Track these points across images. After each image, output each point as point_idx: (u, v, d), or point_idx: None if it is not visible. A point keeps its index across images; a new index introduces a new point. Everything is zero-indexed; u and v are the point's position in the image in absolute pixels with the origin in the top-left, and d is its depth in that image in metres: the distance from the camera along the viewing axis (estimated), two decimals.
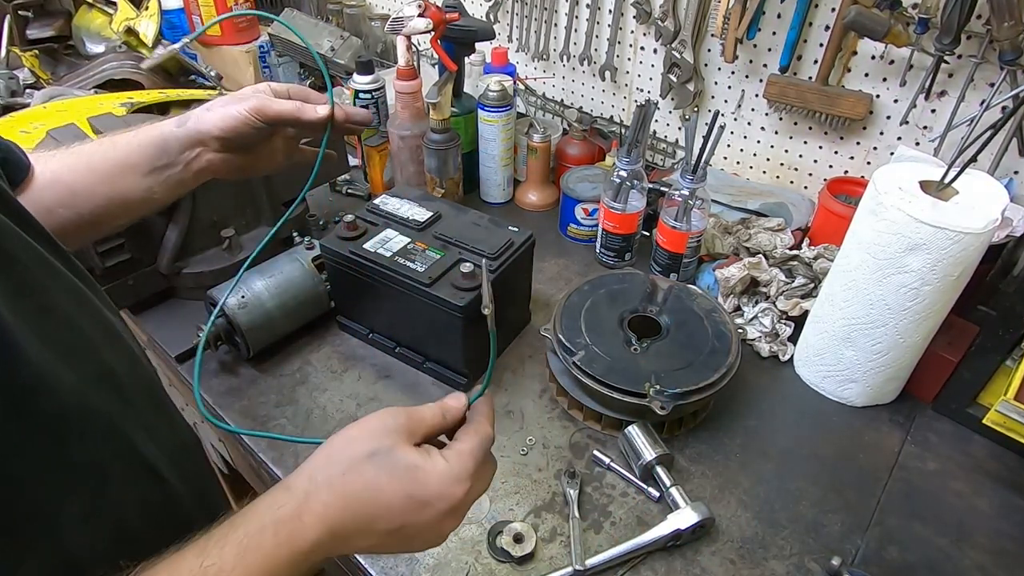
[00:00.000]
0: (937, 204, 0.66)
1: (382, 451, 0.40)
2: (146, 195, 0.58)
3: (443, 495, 0.40)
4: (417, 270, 0.76)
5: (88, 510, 0.37)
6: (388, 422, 0.42)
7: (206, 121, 0.58)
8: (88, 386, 0.38)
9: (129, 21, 1.36)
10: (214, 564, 0.34)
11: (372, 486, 0.39)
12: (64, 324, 0.39)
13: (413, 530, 0.41)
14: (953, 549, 0.65)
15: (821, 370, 0.80)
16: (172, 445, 0.47)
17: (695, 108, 1.12)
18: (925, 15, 0.80)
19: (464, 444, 0.42)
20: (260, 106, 0.58)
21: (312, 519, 0.38)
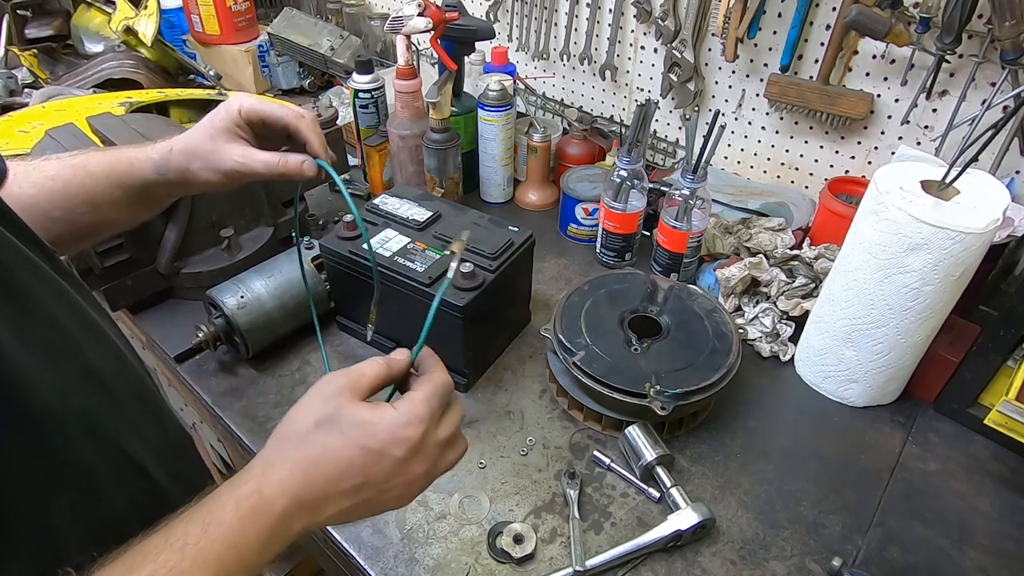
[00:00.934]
0: (938, 204, 0.66)
1: (328, 416, 0.41)
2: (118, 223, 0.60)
3: (396, 439, 0.40)
4: (417, 270, 0.75)
5: (76, 509, 0.37)
6: (327, 389, 0.42)
7: (188, 182, 0.57)
8: (71, 385, 0.38)
9: (128, 20, 1.36)
10: (179, 540, 0.35)
11: (326, 449, 0.40)
12: (46, 323, 0.38)
13: (379, 484, 0.41)
14: (954, 550, 0.65)
15: (822, 370, 0.80)
16: (161, 443, 0.47)
17: (696, 107, 1.12)
18: (926, 14, 0.79)
19: (415, 392, 0.43)
20: (244, 175, 0.56)
21: (273, 491, 0.38)
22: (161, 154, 0.57)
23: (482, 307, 0.74)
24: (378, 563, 0.63)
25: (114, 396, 0.42)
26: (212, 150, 0.56)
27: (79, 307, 0.43)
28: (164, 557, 0.34)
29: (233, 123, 0.57)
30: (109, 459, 0.41)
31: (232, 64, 1.49)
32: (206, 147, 0.56)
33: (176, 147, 0.57)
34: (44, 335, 0.38)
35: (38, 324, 0.37)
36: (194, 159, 0.56)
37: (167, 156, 0.57)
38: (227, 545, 0.36)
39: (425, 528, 0.65)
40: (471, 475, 0.71)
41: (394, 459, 0.41)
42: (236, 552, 0.36)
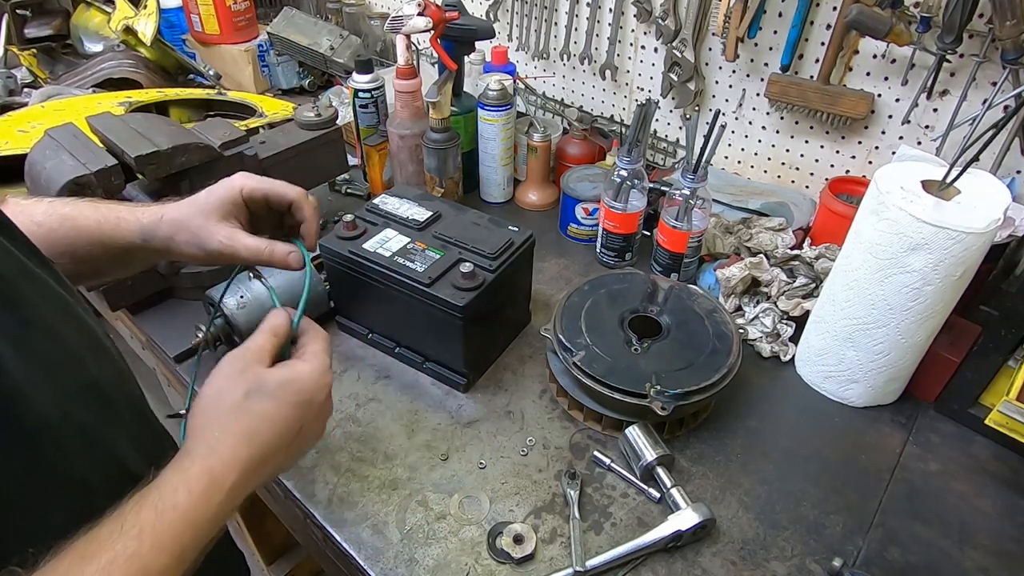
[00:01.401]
0: (939, 204, 0.66)
1: (253, 386, 0.44)
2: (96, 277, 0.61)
3: (319, 387, 0.47)
4: (417, 270, 0.75)
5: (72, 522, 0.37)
6: (238, 365, 0.46)
7: (172, 253, 0.56)
8: (70, 398, 0.38)
9: (127, 20, 1.36)
10: (134, 526, 0.36)
11: (263, 415, 0.44)
12: (47, 336, 0.38)
13: (306, 430, 0.47)
14: (955, 550, 0.64)
15: (822, 370, 0.80)
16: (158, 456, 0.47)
17: (696, 107, 1.11)
18: (927, 14, 0.79)
19: (313, 345, 0.49)
20: (228, 252, 0.55)
21: (224, 467, 0.41)
22: (151, 219, 0.56)
23: (482, 307, 0.74)
24: (378, 563, 0.62)
25: (113, 409, 0.43)
26: (201, 226, 0.55)
27: (81, 320, 0.43)
28: (121, 544, 0.35)
29: (231, 202, 0.56)
30: (106, 472, 0.41)
31: (232, 64, 1.49)
32: (196, 222, 0.55)
33: (167, 216, 0.56)
34: (45, 348, 0.38)
35: (39, 337, 0.38)
36: (181, 231, 0.55)
37: (156, 223, 0.56)
38: (184, 526, 0.37)
39: (425, 528, 0.65)
40: (471, 475, 0.70)
41: (319, 404, 0.47)
42: (192, 531, 0.38)
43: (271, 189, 0.57)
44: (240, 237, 0.55)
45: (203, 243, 0.55)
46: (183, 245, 0.55)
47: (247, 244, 0.55)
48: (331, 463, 0.72)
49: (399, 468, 0.71)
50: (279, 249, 0.55)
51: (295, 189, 0.58)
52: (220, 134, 0.89)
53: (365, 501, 0.68)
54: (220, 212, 0.55)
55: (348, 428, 0.76)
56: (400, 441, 0.74)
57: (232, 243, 0.54)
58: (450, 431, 0.75)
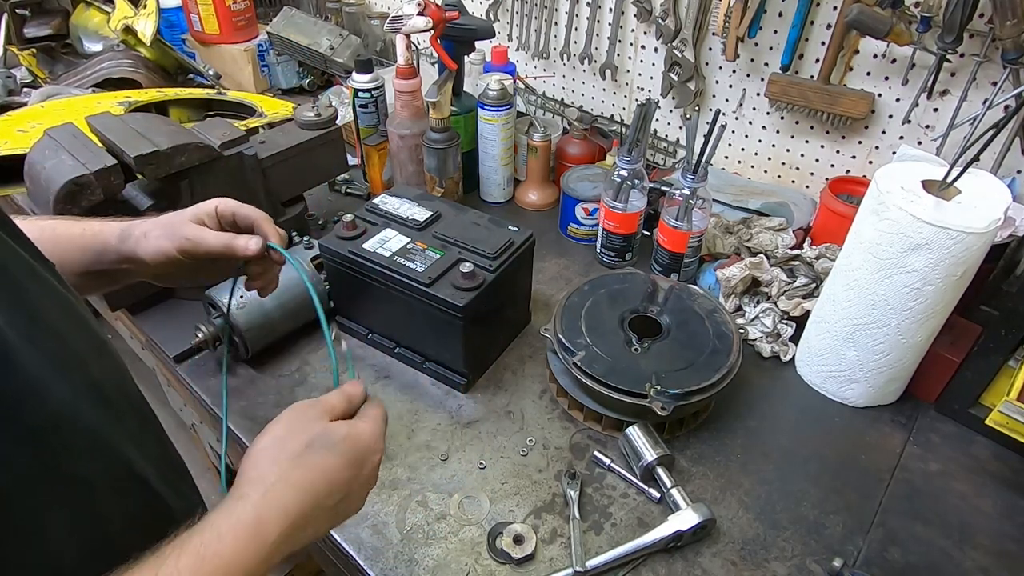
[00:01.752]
0: (939, 204, 0.66)
1: (317, 437, 0.44)
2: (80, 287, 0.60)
3: (374, 448, 0.46)
4: (416, 270, 0.75)
5: (75, 524, 0.37)
6: (308, 413, 0.46)
7: (143, 249, 0.58)
8: (76, 397, 0.38)
9: (127, 19, 1.36)
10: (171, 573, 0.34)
11: (323, 468, 0.43)
12: (54, 336, 0.38)
13: (352, 495, 0.45)
14: (955, 550, 0.64)
15: (823, 370, 0.80)
16: (161, 459, 0.47)
17: (696, 107, 1.11)
18: (927, 13, 0.79)
19: (372, 409, 0.49)
20: (190, 247, 0.58)
21: (272, 516, 0.39)
22: (130, 225, 0.60)
23: (482, 307, 0.74)
24: (378, 564, 0.62)
25: (117, 411, 0.42)
26: (174, 223, 0.59)
27: (83, 321, 0.43)
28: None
29: (204, 213, 0.61)
30: (111, 472, 0.41)
31: (231, 63, 1.49)
32: (171, 220, 0.60)
33: (147, 220, 0.60)
34: (52, 348, 0.37)
35: (46, 336, 0.37)
36: (156, 227, 0.59)
37: (135, 224, 0.60)
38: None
39: (425, 529, 0.65)
40: (471, 475, 0.70)
41: (371, 468, 0.46)
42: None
43: (238, 209, 0.62)
44: (207, 232, 0.60)
45: (175, 235, 0.59)
46: (154, 241, 0.59)
47: (213, 234, 0.59)
48: None
49: (399, 468, 0.71)
50: (240, 238, 0.59)
51: (260, 213, 0.62)
52: (220, 134, 0.89)
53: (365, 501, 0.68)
54: (194, 217, 0.60)
55: None
56: (400, 441, 0.74)
57: (201, 234, 0.59)
58: (450, 431, 0.75)
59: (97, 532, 0.39)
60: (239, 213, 0.62)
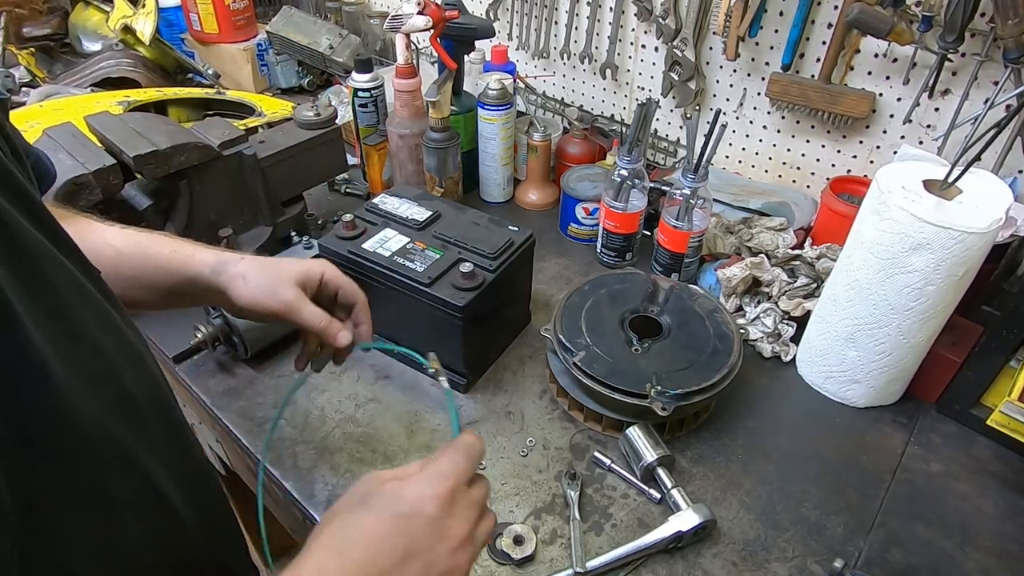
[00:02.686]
0: (941, 203, 0.66)
1: (361, 497, 0.40)
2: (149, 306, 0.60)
3: (423, 497, 0.39)
4: (416, 270, 0.75)
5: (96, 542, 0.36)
6: (368, 479, 0.42)
7: (237, 291, 0.58)
8: (109, 414, 0.37)
9: (126, 19, 1.35)
10: None
11: (357, 528, 0.39)
12: (92, 349, 0.37)
13: (423, 552, 0.39)
14: (957, 551, 0.64)
15: (824, 371, 0.80)
16: (184, 472, 0.46)
17: (696, 107, 1.11)
18: (928, 13, 0.79)
19: (440, 458, 0.42)
20: (284, 312, 0.58)
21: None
22: (228, 256, 0.59)
23: (482, 307, 0.74)
24: None
25: (146, 425, 0.41)
26: (277, 280, 0.58)
27: (122, 332, 0.42)
28: None
29: (308, 276, 0.60)
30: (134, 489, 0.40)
31: (231, 63, 1.49)
32: (274, 275, 0.59)
33: (247, 258, 0.59)
34: (89, 361, 0.36)
35: (85, 350, 0.36)
36: (257, 275, 0.58)
37: (233, 260, 0.59)
38: None
39: None
40: None
41: (428, 518, 0.39)
42: None
43: (346, 285, 0.62)
44: (307, 302, 0.58)
45: (275, 293, 0.58)
46: (252, 288, 0.58)
47: (311, 309, 0.58)
48: (330, 464, 0.71)
49: None
50: (336, 324, 0.59)
51: (363, 297, 0.63)
52: (219, 133, 0.88)
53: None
54: (297, 279, 0.59)
55: (347, 429, 0.75)
56: (400, 442, 0.74)
57: (299, 304, 0.58)
58: (450, 432, 0.75)
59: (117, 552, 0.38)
60: (345, 290, 0.62)
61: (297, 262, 0.61)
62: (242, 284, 0.58)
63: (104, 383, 0.38)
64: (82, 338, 0.37)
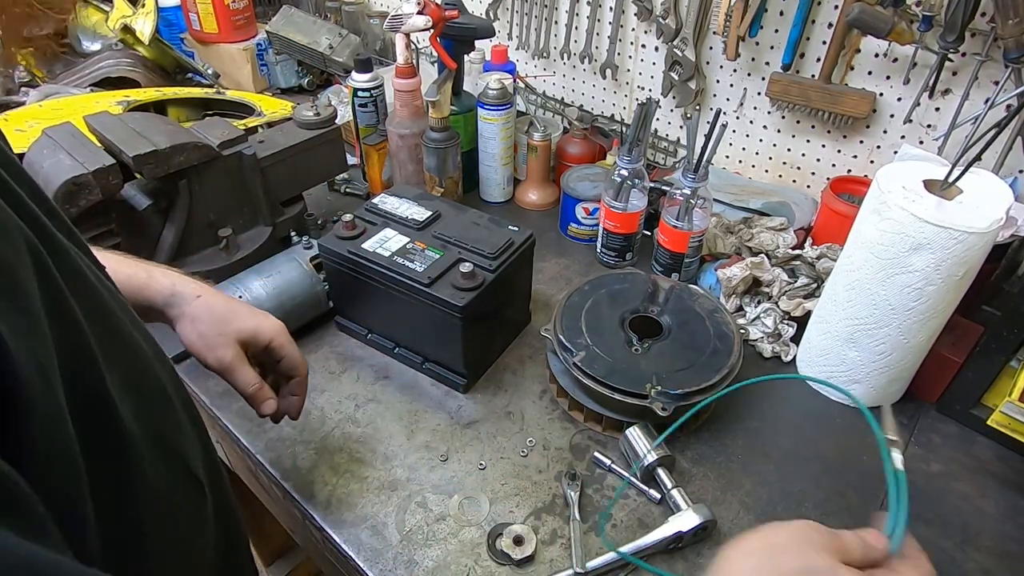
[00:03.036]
0: (941, 203, 0.66)
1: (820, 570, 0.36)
2: None
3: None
4: (416, 270, 0.75)
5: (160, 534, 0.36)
6: (813, 536, 0.38)
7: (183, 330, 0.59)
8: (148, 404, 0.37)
9: (125, 18, 1.35)
10: None
11: None
12: (127, 345, 0.37)
13: None
14: (957, 551, 0.64)
15: (824, 371, 0.80)
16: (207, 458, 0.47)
17: (697, 106, 1.11)
18: (929, 12, 0.79)
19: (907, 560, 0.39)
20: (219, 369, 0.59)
21: None
22: (185, 291, 0.59)
23: (482, 307, 0.74)
24: (377, 565, 0.62)
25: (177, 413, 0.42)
26: (224, 334, 0.59)
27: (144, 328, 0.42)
28: None
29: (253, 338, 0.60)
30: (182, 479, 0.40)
31: (230, 63, 1.49)
32: (222, 328, 0.59)
33: (204, 299, 0.59)
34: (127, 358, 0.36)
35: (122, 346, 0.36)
36: (206, 322, 0.58)
37: (188, 298, 0.59)
38: None
39: (424, 530, 0.65)
40: (471, 476, 0.70)
41: None
42: None
43: (290, 356, 0.62)
44: (242, 366, 0.59)
45: (214, 349, 0.58)
46: (196, 336, 0.58)
47: (245, 374, 0.59)
48: (330, 464, 0.71)
49: (398, 469, 0.71)
50: (263, 394, 0.60)
51: (305, 368, 0.63)
52: (219, 133, 0.88)
53: (364, 502, 0.67)
54: (241, 338, 0.60)
55: (347, 429, 0.75)
56: (399, 442, 0.74)
57: (234, 366, 0.58)
58: (450, 432, 0.75)
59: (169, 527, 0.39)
60: (288, 361, 0.62)
61: (251, 317, 0.61)
62: (189, 326, 0.58)
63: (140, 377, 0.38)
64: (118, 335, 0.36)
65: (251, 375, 0.59)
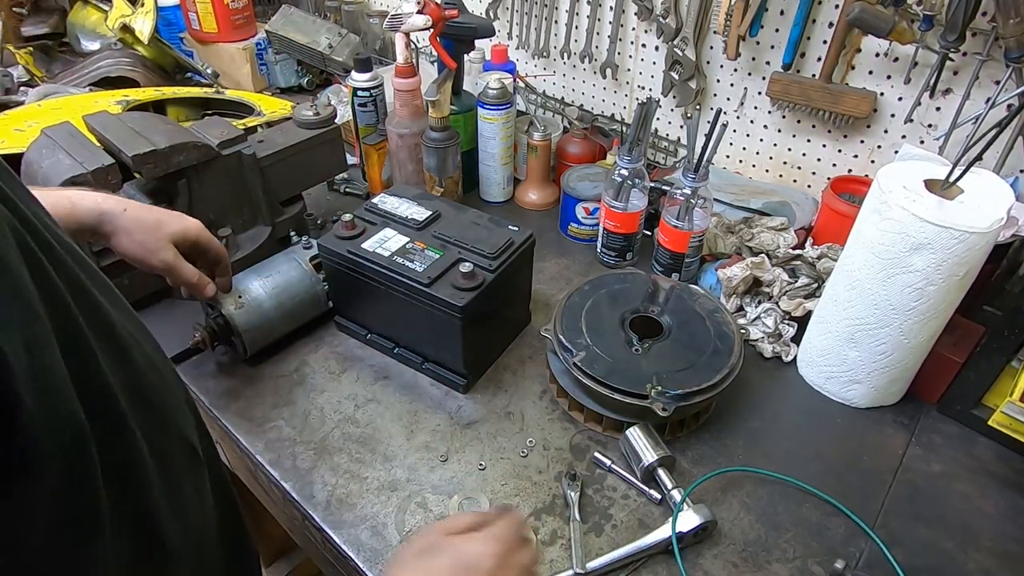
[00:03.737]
0: (942, 203, 0.65)
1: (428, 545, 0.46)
2: None
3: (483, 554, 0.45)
4: (416, 270, 0.75)
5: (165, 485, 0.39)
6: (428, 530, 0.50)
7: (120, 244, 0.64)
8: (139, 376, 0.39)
9: (124, 18, 1.35)
10: None
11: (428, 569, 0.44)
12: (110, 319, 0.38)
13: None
14: (958, 552, 0.64)
15: (825, 371, 0.80)
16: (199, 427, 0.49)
17: (697, 106, 1.11)
18: (930, 12, 0.79)
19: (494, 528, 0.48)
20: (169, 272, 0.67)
21: None
22: (112, 208, 0.64)
23: (482, 307, 0.74)
24: (377, 565, 0.62)
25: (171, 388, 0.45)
26: (158, 239, 0.65)
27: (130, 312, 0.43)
28: None
29: (183, 235, 0.67)
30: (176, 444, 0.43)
31: (230, 62, 1.49)
32: (154, 233, 0.65)
33: (129, 212, 0.65)
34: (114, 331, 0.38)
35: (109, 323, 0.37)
36: (139, 232, 0.64)
37: (118, 214, 0.64)
38: None
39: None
40: (471, 476, 0.70)
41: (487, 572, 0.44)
42: None
43: (215, 246, 0.71)
44: (183, 262, 0.67)
45: (156, 252, 0.65)
46: (133, 244, 0.64)
47: (187, 269, 0.68)
48: (329, 464, 0.71)
49: (398, 469, 0.71)
50: (204, 280, 0.70)
51: (225, 253, 0.73)
52: (218, 133, 0.88)
53: (364, 503, 0.67)
54: (175, 239, 0.67)
55: (347, 429, 0.75)
56: (399, 442, 0.74)
57: (177, 264, 0.67)
58: (449, 432, 0.75)
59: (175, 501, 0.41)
60: (213, 249, 0.71)
61: (177, 220, 0.68)
62: (126, 239, 0.64)
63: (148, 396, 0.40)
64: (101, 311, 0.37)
65: (191, 268, 0.68)
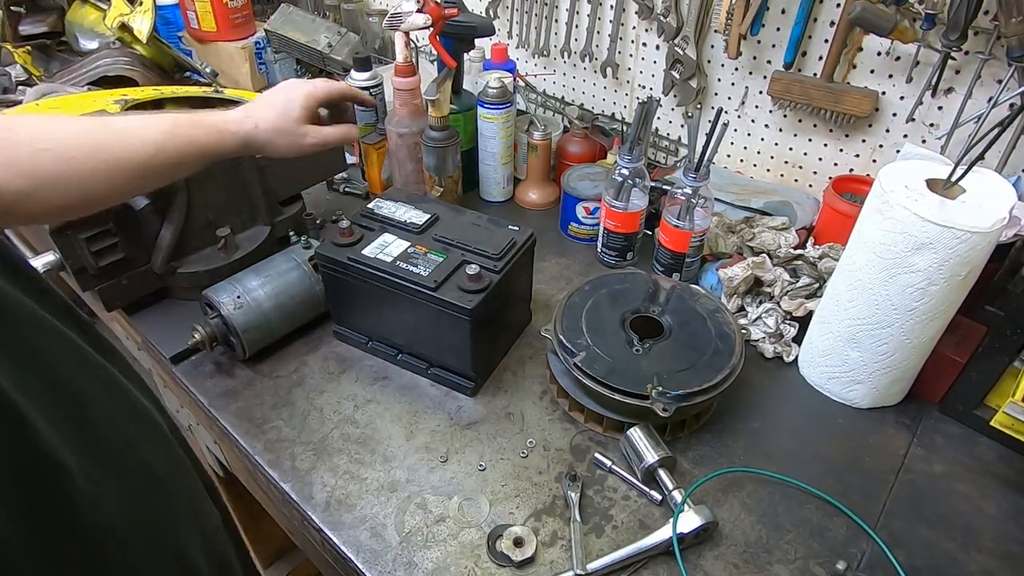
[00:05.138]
0: (944, 203, 0.65)
1: None
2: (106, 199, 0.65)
3: None
4: (421, 274, 0.74)
5: None
6: None
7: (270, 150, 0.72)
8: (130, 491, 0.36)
9: (123, 17, 1.34)
10: None
11: None
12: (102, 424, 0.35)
13: None
14: (960, 553, 0.64)
15: (826, 371, 0.79)
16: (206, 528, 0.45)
17: (698, 105, 1.11)
18: (932, 11, 0.78)
19: None
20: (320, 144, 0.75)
21: None
22: (248, 130, 0.69)
23: (489, 309, 0.73)
24: (376, 567, 0.62)
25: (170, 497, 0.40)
26: (294, 131, 0.71)
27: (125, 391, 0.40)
28: None
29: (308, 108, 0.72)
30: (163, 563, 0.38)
31: (229, 61, 1.48)
32: (289, 127, 0.71)
33: (261, 125, 0.70)
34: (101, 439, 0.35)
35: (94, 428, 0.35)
36: (279, 136, 0.70)
37: (253, 133, 0.70)
38: None
39: (424, 531, 0.65)
40: (471, 477, 0.70)
41: None
42: None
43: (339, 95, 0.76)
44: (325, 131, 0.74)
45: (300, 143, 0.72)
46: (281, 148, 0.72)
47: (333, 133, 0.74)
48: (329, 465, 0.71)
49: (398, 470, 0.70)
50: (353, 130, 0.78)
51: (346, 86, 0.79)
52: None
53: (363, 503, 0.67)
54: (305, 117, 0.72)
55: (346, 430, 0.75)
56: (399, 443, 0.73)
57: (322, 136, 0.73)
58: (449, 433, 0.75)
59: None
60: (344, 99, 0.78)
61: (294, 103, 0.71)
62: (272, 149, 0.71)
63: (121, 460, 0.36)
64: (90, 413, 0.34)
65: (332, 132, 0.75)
